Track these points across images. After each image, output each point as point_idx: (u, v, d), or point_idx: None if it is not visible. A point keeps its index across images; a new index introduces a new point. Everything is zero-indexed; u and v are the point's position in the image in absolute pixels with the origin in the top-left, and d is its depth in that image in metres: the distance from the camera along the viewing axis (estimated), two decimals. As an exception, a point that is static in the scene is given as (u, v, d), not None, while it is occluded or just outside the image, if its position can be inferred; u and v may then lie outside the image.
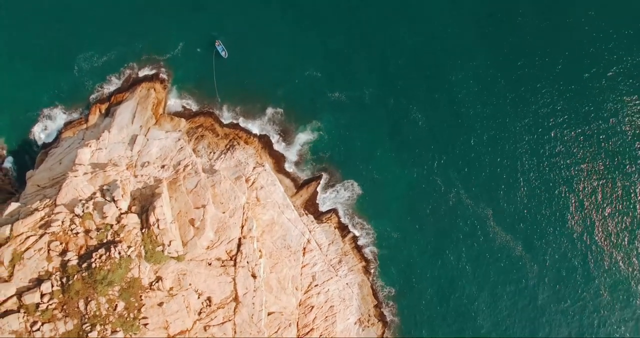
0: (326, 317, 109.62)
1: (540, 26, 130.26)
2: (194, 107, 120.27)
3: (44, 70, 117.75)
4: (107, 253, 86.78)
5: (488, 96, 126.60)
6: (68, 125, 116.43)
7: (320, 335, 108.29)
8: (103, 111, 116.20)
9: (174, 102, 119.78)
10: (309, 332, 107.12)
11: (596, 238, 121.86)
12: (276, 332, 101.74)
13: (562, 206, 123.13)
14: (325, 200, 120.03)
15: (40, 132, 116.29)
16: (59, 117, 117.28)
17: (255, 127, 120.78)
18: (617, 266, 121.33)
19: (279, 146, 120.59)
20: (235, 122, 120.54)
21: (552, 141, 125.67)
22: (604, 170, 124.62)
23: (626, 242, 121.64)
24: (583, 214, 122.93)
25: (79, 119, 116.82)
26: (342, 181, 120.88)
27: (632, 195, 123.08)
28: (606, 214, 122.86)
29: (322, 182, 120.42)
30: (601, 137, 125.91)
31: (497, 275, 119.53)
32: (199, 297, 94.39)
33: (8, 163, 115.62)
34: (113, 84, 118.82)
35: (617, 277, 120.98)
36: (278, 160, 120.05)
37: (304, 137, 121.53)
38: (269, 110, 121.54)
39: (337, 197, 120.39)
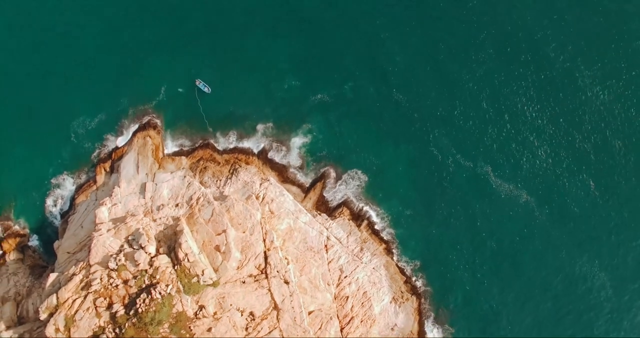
0: (362, 303, 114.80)
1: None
2: (190, 143, 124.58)
3: (43, 145, 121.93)
4: (149, 296, 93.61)
5: (456, 64, 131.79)
6: (79, 190, 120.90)
7: (361, 321, 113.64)
8: (108, 169, 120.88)
9: (171, 143, 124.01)
10: (350, 320, 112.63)
11: (592, 170, 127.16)
12: (320, 328, 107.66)
13: (554, 146, 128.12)
14: (337, 194, 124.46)
15: (55, 203, 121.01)
16: (68, 184, 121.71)
17: (251, 146, 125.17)
18: (619, 191, 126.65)
19: (278, 157, 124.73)
20: (231, 147, 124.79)
21: (528, 89, 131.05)
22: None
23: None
24: (575, 151, 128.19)
25: (87, 182, 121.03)
26: (347, 171, 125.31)
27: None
28: (598, 144, 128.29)
29: (330, 177, 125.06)
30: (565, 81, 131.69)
31: (510, 223, 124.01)
32: (242, 314, 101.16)
33: (34, 241, 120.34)
34: (111, 142, 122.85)
35: (622, 204, 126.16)
36: (281, 171, 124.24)
37: (298, 141, 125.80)
38: (260, 127, 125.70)
39: (347, 187, 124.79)
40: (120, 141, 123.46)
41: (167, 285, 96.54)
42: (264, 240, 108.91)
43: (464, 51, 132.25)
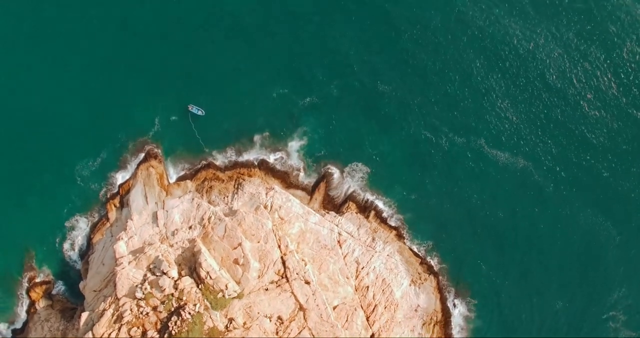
0: (383, 290, 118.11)
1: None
2: (192, 166, 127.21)
3: (52, 192, 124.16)
4: (180, 317, 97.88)
5: (427, 49, 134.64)
6: (94, 229, 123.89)
7: (385, 307, 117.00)
8: (118, 205, 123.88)
9: (174, 170, 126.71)
10: (374, 308, 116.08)
11: (586, 125, 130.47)
12: (346, 320, 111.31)
13: (540, 109, 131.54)
14: (341, 189, 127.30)
15: (73, 246, 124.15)
16: (82, 226, 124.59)
17: (251, 158, 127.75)
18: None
19: (278, 164, 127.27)
20: (232, 162, 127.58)
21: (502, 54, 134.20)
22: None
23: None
24: (556, 105, 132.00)
25: (101, 221, 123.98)
26: (347, 166, 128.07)
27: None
28: (587, 99, 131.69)
29: (332, 175, 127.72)
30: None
31: (512, 190, 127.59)
32: (270, 320, 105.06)
33: (59, 286, 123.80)
34: (116, 178, 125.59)
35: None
36: (283, 178, 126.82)
37: (296, 145, 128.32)
38: (257, 138, 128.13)
39: (350, 182, 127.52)
40: (125, 176, 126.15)
41: (194, 305, 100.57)
42: (279, 246, 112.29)
43: (427, 37, 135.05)
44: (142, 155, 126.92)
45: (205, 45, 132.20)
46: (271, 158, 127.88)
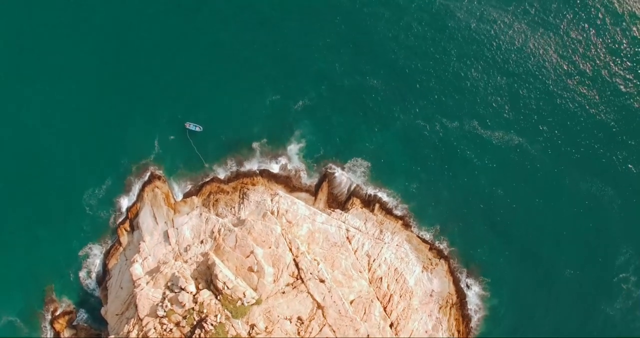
0: (396, 279, 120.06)
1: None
2: (195, 182, 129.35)
3: (62, 224, 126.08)
4: (203, 330, 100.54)
5: (411, 39, 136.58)
6: (108, 255, 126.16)
7: (400, 296, 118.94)
8: (128, 229, 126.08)
9: (178, 188, 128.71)
10: (389, 298, 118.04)
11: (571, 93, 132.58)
12: (365, 313, 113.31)
13: (524, 85, 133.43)
14: (344, 186, 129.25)
15: (89, 274, 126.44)
16: (96, 253, 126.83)
17: (252, 167, 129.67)
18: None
19: (279, 169, 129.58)
20: (234, 173, 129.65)
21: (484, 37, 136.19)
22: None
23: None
24: (542, 72, 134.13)
25: (113, 246, 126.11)
26: (347, 162, 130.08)
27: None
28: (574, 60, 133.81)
29: (333, 173, 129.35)
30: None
31: (511, 167, 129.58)
32: (290, 322, 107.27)
33: (82, 314, 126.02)
34: (123, 203, 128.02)
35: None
36: (286, 182, 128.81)
37: (295, 148, 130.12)
38: (255, 146, 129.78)
39: (351, 178, 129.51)
40: (132, 200, 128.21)
41: (216, 316, 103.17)
42: (290, 249, 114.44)
43: (405, 33, 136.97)
44: (146, 177, 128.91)
45: (193, 63, 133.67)
46: (272, 164, 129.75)
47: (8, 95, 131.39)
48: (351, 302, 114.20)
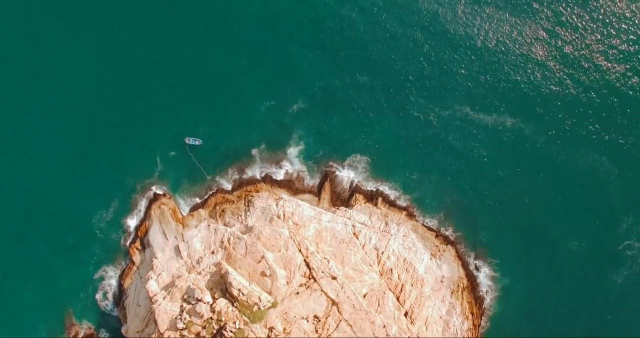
0: (406, 269, 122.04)
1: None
2: (200, 195, 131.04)
3: (75, 250, 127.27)
4: (223, 337, 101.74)
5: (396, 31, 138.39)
6: (122, 276, 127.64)
7: (412, 285, 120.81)
8: (139, 247, 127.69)
9: (184, 202, 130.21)
10: (401, 288, 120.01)
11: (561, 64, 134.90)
12: (379, 304, 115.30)
13: (511, 65, 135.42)
14: (346, 184, 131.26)
15: (106, 296, 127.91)
16: (111, 274, 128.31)
17: (254, 174, 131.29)
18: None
19: (281, 174, 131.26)
20: (237, 183, 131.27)
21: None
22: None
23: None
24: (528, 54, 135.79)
25: (127, 266, 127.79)
26: (347, 159, 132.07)
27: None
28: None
29: (334, 172, 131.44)
30: None
31: (507, 148, 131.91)
32: (307, 321, 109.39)
33: (104, 334, 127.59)
34: (131, 223, 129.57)
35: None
36: (289, 186, 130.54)
37: (294, 151, 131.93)
38: (255, 152, 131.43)
39: (354, 173, 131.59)
40: (140, 218, 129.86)
41: (234, 322, 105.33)
42: (300, 250, 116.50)
43: (385, 29, 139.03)
44: (151, 195, 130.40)
45: (184, 78, 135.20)
46: (273, 169, 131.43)
47: (9, 126, 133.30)
48: (364, 296, 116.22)
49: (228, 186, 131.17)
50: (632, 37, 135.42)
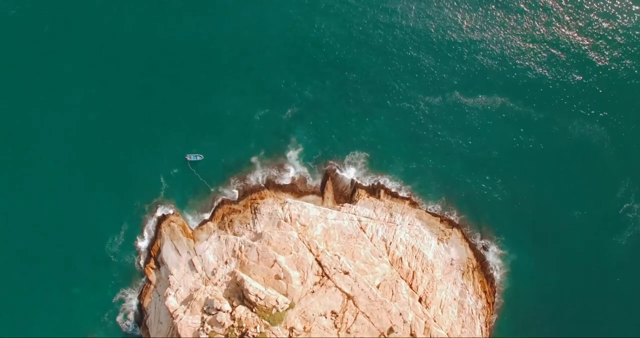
0: (415, 256, 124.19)
1: None
2: (207, 208, 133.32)
3: (92, 277, 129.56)
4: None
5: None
6: (141, 296, 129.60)
7: (422, 271, 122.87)
8: (154, 266, 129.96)
9: (192, 218, 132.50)
10: (413, 275, 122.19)
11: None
12: (392, 293, 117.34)
13: (496, 45, 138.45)
14: (347, 180, 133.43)
15: (127, 317, 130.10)
16: (130, 296, 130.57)
17: (257, 182, 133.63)
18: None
19: (283, 178, 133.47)
20: (241, 192, 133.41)
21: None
22: None
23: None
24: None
25: (144, 286, 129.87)
26: (346, 157, 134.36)
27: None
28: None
29: (335, 170, 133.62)
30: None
31: (500, 127, 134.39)
32: (326, 317, 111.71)
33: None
34: (143, 244, 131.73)
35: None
36: (292, 189, 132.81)
37: (294, 154, 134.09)
38: (254, 160, 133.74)
39: (355, 169, 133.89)
40: (151, 238, 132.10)
41: (255, 327, 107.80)
42: (310, 250, 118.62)
43: (369, 28, 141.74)
44: (159, 214, 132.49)
45: (179, 98, 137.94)
46: (275, 174, 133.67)
47: (18, 160, 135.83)
48: (378, 287, 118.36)
49: (233, 196, 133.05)
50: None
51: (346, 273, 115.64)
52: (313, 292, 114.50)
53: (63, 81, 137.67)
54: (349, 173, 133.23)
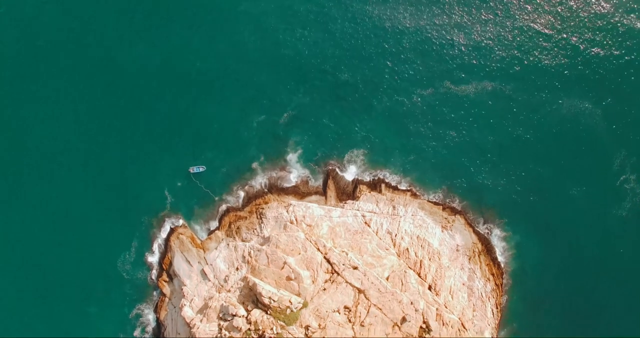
0: (421, 246, 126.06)
1: None
2: (213, 218, 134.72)
3: (108, 296, 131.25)
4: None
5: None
6: (157, 309, 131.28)
7: (429, 259, 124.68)
8: (167, 279, 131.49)
9: (200, 228, 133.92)
10: (420, 264, 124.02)
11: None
12: (402, 284, 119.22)
13: (482, 28, 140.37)
14: (348, 177, 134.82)
15: (146, 331, 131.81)
16: (146, 311, 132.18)
17: (259, 187, 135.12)
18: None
19: (285, 181, 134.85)
20: (245, 199, 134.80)
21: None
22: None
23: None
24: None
25: (159, 299, 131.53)
26: (345, 155, 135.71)
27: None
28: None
29: (336, 169, 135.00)
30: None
31: (493, 112, 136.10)
32: (339, 313, 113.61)
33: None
34: (154, 258, 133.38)
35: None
36: (295, 191, 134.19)
37: (294, 157, 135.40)
38: (255, 166, 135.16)
39: (354, 167, 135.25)
40: (161, 251, 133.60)
41: (271, 329, 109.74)
42: (318, 249, 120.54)
43: (355, 26, 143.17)
44: (167, 227, 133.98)
45: (175, 112, 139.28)
46: (278, 178, 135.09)
47: (25, 183, 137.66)
48: (387, 279, 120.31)
49: (238, 204, 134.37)
50: None
51: (355, 268, 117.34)
52: (325, 289, 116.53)
53: (64, 102, 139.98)
54: (350, 171, 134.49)
